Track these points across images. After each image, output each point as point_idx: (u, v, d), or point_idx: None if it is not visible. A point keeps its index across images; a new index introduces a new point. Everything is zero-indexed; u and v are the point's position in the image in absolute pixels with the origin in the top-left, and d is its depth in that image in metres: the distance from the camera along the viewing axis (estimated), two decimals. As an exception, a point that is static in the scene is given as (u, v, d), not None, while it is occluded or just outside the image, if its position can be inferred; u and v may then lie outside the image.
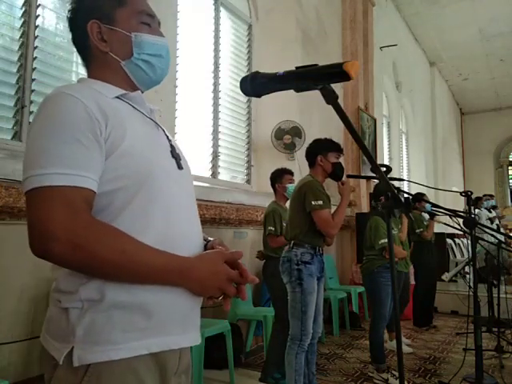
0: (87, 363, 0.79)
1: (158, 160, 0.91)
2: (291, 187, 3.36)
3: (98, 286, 0.81)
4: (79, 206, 0.78)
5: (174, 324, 0.88)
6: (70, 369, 0.79)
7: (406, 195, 3.48)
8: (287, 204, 3.38)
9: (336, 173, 2.66)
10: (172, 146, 0.99)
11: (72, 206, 0.77)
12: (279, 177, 3.46)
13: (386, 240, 3.26)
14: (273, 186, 3.51)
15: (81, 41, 0.99)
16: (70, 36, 1.01)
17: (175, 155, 0.98)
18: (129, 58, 0.96)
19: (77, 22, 0.98)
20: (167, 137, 1.01)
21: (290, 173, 3.51)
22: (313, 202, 2.50)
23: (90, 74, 1.00)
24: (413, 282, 4.72)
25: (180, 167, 0.98)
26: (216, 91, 4.43)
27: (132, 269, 0.80)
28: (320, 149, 2.68)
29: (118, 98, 0.93)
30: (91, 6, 0.96)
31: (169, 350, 0.87)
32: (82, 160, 0.80)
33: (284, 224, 3.30)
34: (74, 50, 1.03)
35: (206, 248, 0.99)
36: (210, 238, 1.02)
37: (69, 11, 1.00)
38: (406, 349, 3.97)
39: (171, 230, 0.89)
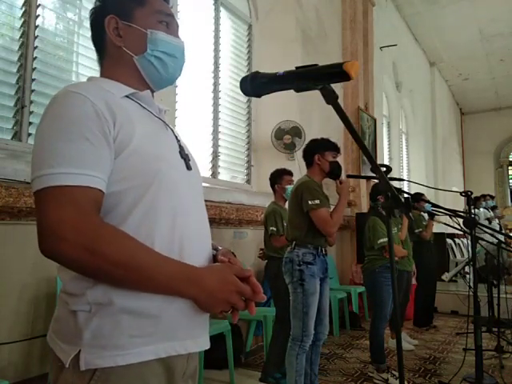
0: (94, 367, 0.78)
1: (166, 160, 0.90)
2: (290, 188, 3.36)
3: (104, 290, 0.80)
4: (88, 207, 0.78)
5: (182, 329, 0.86)
6: (77, 372, 0.78)
7: (406, 195, 3.48)
8: (287, 205, 3.38)
9: (334, 171, 2.66)
10: (181, 147, 0.98)
11: (81, 206, 0.77)
12: (278, 178, 3.45)
13: (385, 239, 3.27)
14: (272, 186, 3.51)
15: (98, 37, 1.00)
16: (70, 36, 1.02)
17: (184, 156, 0.97)
18: (142, 53, 0.96)
19: (97, 19, 0.99)
20: (176, 137, 1.00)
21: (290, 173, 3.50)
22: (310, 202, 2.50)
23: (103, 72, 1.00)
24: (414, 282, 4.71)
25: (189, 168, 0.97)
26: (216, 91, 4.43)
27: (140, 274, 0.78)
28: (317, 148, 2.68)
29: (127, 97, 0.93)
30: (112, 4, 0.98)
31: (177, 354, 0.86)
32: (90, 159, 0.79)
33: (285, 224, 3.30)
34: (74, 49, 1.04)
35: (214, 259, 0.97)
36: (219, 247, 1.01)
37: (91, 10, 1.02)
38: (406, 346, 3.98)
39: (179, 231, 0.88)
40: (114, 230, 0.79)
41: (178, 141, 1.00)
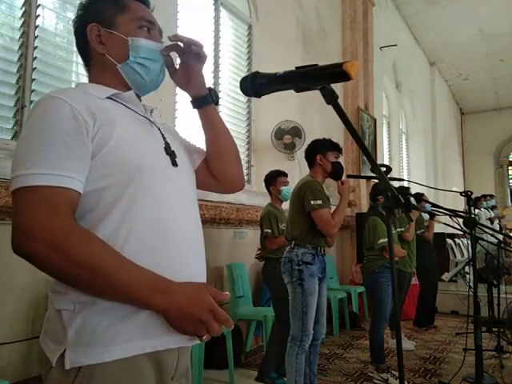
0: (79, 365, 0.79)
1: (147, 157, 0.91)
2: (285, 189, 3.36)
3: None
4: (61, 208, 0.79)
5: (166, 326, 0.84)
6: (63, 370, 0.79)
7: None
8: (283, 206, 3.38)
9: (336, 172, 2.66)
10: (167, 143, 0.99)
11: (53, 206, 0.78)
12: (273, 180, 3.44)
13: (385, 239, 3.26)
14: (267, 189, 3.50)
15: (82, 44, 1.01)
16: (70, 36, 1.03)
17: (170, 152, 0.98)
18: (125, 61, 0.98)
19: (79, 26, 1.01)
20: (162, 134, 1.01)
21: (284, 175, 3.48)
22: (312, 202, 2.50)
23: (90, 79, 1.02)
24: (414, 282, 4.71)
25: (174, 164, 0.97)
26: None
27: (105, 278, 0.78)
28: (319, 148, 2.69)
29: (110, 98, 0.94)
30: (93, 12, 0.99)
31: (164, 350, 0.85)
32: (66, 161, 0.81)
33: (280, 225, 3.29)
34: (74, 49, 1.05)
35: None
36: None
37: (74, 18, 1.03)
38: (406, 346, 3.97)
39: (163, 227, 0.88)
40: (84, 232, 0.80)
41: (165, 138, 1.00)
